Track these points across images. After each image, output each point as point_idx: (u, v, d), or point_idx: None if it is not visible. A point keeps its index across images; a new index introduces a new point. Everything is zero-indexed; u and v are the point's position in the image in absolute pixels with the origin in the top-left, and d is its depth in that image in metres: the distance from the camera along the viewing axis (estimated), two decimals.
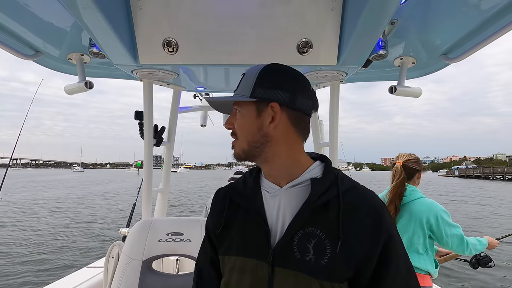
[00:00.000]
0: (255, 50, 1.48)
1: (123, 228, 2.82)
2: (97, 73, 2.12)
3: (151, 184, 2.05)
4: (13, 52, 1.62)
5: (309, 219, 0.77)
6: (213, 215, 0.96)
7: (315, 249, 0.75)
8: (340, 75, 1.71)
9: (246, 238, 0.84)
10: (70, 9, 1.08)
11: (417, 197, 2.18)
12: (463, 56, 1.59)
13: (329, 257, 0.74)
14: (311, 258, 0.75)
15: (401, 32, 1.54)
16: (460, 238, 2.06)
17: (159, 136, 2.14)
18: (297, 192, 0.82)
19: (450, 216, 2.08)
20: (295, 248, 0.76)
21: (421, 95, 1.88)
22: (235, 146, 0.87)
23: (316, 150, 2.34)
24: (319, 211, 0.77)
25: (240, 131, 0.85)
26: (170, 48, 1.44)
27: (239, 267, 0.82)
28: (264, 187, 0.87)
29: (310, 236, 0.76)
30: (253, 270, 0.80)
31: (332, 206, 0.77)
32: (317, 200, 0.77)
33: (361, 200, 0.78)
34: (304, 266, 0.75)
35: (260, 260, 0.79)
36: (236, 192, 0.91)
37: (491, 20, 1.33)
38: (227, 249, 0.87)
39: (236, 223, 0.88)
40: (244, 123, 0.84)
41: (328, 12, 1.34)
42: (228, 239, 0.87)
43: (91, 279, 2.50)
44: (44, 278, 6.38)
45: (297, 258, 0.76)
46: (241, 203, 0.88)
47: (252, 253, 0.81)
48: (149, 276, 1.55)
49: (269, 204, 0.84)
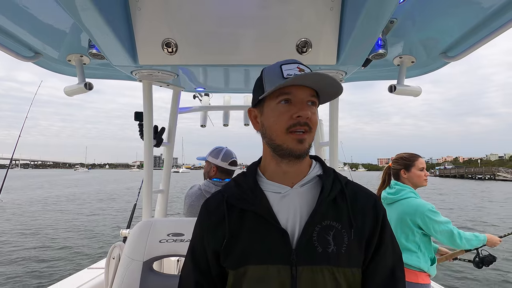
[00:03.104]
0: (254, 50, 1.48)
1: (123, 229, 2.82)
2: (97, 74, 2.12)
3: (152, 185, 2.05)
4: (12, 54, 1.62)
5: (325, 213, 0.82)
6: (208, 230, 0.87)
7: (335, 240, 0.80)
8: (340, 74, 1.71)
9: (260, 245, 0.80)
10: (69, 10, 1.08)
11: (404, 196, 2.21)
12: (463, 54, 1.59)
13: (347, 244, 0.80)
14: (333, 249, 0.79)
15: (400, 31, 1.54)
16: (449, 233, 2.10)
17: (159, 137, 2.14)
18: (308, 190, 0.86)
19: (438, 213, 2.11)
20: (316, 243, 0.79)
21: (420, 94, 1.88)
22: (307, 139, 0.82)
23: (316, 150, 2.34)
24: (331, 204, 0.83)
25: (314, 125, 0.83)
26: (170, 49, 1.44)
27: (258, 277, 0.79)
28: (269, 189, 0.86)
29: (328, 228, 0.80)
30: (275, 276, 0.78)
31: (340, 198, 0.85)
32: (328, 195, 0.83)
33: (359, 190, 0.90)
34: (328, 257, 0.78)
35: (282, 264, 0.78)
36: (237, 197, 0.86)
37: (491, 18, 1.33)
38: (239, 261, 0.82)
39: (244, 230, 0.83)
40: (316, 119, 0.85)
41: (327, 11, 1.34)
42: (237, 250, 0.82)
43: (92, 280, 2.50)
44: (43, 280, 6.39)
45: (320, 252, 0.78)
46: (246, 208, 0.84)
47: (271, 259, 0.79)
48: (150, 277, 1.55)
49: (278, 205, 0.83)
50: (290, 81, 0.80)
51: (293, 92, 0.82)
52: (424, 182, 2.31)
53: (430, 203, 2.14)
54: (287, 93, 0.82)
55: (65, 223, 12.37)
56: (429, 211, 2.10)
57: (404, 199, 2.20)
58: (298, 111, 0.80)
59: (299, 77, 0.79)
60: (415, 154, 2.36)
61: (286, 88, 0.82)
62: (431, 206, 2.12)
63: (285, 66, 0.85)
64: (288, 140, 0.81)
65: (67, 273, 6.27)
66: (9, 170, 3.17)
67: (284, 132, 0.81)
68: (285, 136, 0.81)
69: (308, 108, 0.82)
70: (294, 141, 0.81)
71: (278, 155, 0.84)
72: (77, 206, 17.36)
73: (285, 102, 0.82)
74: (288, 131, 0.81)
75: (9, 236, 10.07)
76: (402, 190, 2.24)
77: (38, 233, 10.55)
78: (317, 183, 0.87)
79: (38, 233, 10.56)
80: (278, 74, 0.84)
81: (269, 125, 0.85)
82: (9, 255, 8.01)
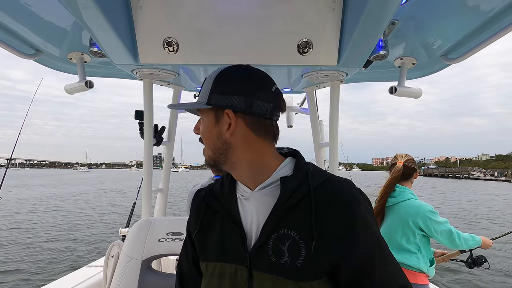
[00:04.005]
0: (255, 50, 1.48)
1: (122, 227, 2.82)
2: (97, 73, 2.12)
3: (151, 184, 2.05)
4: (13, 51, 1.62)
5: (282, 220, 0.75)
6: (192, 216, 0.94)
7: (290, 251, 0.73)
8: (340, 75, 1.71)
9: (223, 243, 0.82)
10: (71, 8, 1.08)
11: (405, 198, 2.23)
12: (464, 57, 1.59)
13: (304, 258, 0.72)
14: (286, 261, 0.73)
15: (402, 32, 1.54)
16: (448, 232, 2.13)
17: (159, 136, 2.15)
18: (267, 194, 0.80)
19: (437, 214, 2.15)
20: (270, 251, 0.75)
21: (421, 95, 1.88)
22: (205, 152, 0.85)
23: (316, 150, 2.34)
24: (292, 211, 0.75)
25: (204, 138, 0.84)
26: (171, 48, 1.44)
27: (218, 273, 0.81)
28: (239, 191, 0.85)
29: (284, 238, 0.74)
30: (232, 275, 0.79)
31: (304, 204, 0.74)
32: (287, 200, 0.75)
33: (333, 195, 0.75)
34: (279, 269, 0.73)
35: (239, 265, 0.78)
36: (212, 196, 0.89)
37: (492, 21, 1.33)
38: (205, 255, 0.86)
39: (213, 227, 0.86)
40: (205, 130, 0.83)
41: (329, 12, 1.34)
42: (205, 244, 0.86)
43: (91, 278, 2.50)
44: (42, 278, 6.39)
45: (272, 262, 0.74)
46: (216, 207, 0.87)
47: (231, 258, 0.80)
48: (148, 275, 1.55)
49: (244, 208, 0.83)
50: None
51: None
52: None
53: (429, 204, 2.16)
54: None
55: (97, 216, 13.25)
56: (430, 212, 2.12)
57: (405, 201, 2.22)
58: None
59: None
60: (408, 157, 2.42)
61: None
62: (431, 207, 2.15)
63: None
64: None
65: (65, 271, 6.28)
66: (8, 170, 3.17)
67: None
68: None
69: (197, 123, 0.86)
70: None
71: None
72: (108, 201, 19.06)
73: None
74: None
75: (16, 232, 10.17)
76: (403, 192, 2.26)
77: (63, 224, 11.19)
78: (279, 186, 0.79)
79: (62, 225, 11.18)
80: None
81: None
82: (9, 255, 8.01)
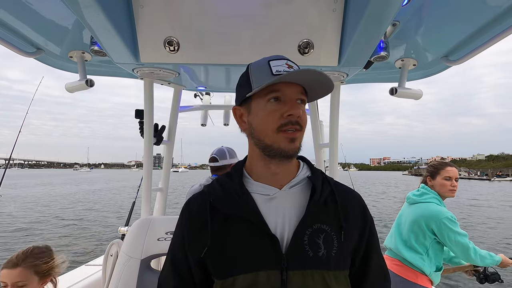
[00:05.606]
0: (256, 50, 1.48)
1: (122, 226, 2.82)
2: (98, 71, 2.12)
3: (151, 183, 2.05)
4: (14, 49, 1.62)
5: (316, 216, 0.80)
6: (189, 237, 0.82)
7: (325, 243, 0.78)
8: (341, 76, 1.71)
9: (248, 252, 0.76)
10: (72, 7, 1.08)
11: (425, 200, 2.20)
12: (464, 58, 1.59)
13: (337, 247, 0.79)
14: (323, 253, 0.77)
15: (403, 33, 1.54)
16: (465, 246, 2.05)
17: (159, 135, 2.14)
18: (297, 192, 0.83)
19: (457, 224, 2.08)
20: (306, 247, 0.77)
21: (421, 97, 1.88)
22: (298, 138, 0.79)
23: (316, 151, 2.34)
24: (321, 207, 0.81)
25: (304, 124, 0.80)
26: (171, 47, 1.44)
27: (248, 285, 0.74)
28: (257, 191, 0.81)
29: (319, 231, 0.79)
30: (265, 281, 0.74)
31: (330, 200, 0.83)
32: (320, 197, 0.81)
33: (347, 192, 0.89)
34: (319, 261, 0.76)
35: (272, 269, 0.74)
36: (221, 200, 0.81)
37: (492, 23, 1.33)
38: (226, 271, 0.77)
39: (229, 237, 0.78)
40: (305, 117, 0.81)
41: (330, 13, 1.34)
42: (223, 259, 0.77)
43: (90, 277, 2.51)
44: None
45: (310, 256, 0.76)
46: (231, 212, 0.79)
47: (260, 265, 0.75)
48: (147, 274, 1.55)
49: (266, 208, 0.79)
50: (282, 78, 0.75)
51: (282, 89, 0.78)
52: (449, 192, 2.20)
53: (450, 212, 2.09)
54: (276, 90, 0.77)
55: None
56: (447, 218, 2.06)
57: (424, 202, 2.19)
58: (289, 109, 0.77)
59: (291, 74, 0.76)
60: (445, 162, 2.31)
61: (275, 85, 0.77)
62: (451, 215, 2.08)
63: (273, 62, 0.80)
64: (279, 139, 0.77)
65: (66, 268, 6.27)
66: (8, 170, 3.16)
67: (274, 132, 0.77)
68: (276, 136, 0.77)
69: (298, 107, 0.78)
70: (286, 140, 0.77)
71: (268, 155, 0.80)
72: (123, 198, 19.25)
73: (275, 100, 0.78)
74: (279, 131, 0.77)
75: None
76: (426, 194, 2.23)
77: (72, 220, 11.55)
78: (306, 185, 0.84)
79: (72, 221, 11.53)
80: (266, 70, 0.79)
81: (258, 124, 0.80)
82: (9, 254, 8.01)
